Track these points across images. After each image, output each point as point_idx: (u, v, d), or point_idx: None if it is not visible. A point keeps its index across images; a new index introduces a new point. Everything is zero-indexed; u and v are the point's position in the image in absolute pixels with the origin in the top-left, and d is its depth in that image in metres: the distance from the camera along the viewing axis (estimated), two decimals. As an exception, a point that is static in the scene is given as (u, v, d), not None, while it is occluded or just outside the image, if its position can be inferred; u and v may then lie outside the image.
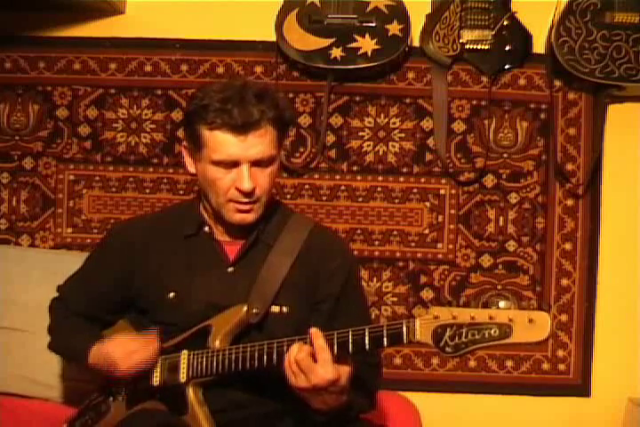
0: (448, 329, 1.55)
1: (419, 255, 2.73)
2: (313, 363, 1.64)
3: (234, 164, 1.80)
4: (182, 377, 1.83)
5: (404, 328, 1.59)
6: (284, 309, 1.88)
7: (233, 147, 1.78)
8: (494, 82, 2.71)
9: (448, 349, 1.55)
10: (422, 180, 2.73)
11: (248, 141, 1.78)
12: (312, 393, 1.68)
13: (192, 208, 2.00)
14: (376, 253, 2.73)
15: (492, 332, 1.51)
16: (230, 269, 1.92)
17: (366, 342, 1.63)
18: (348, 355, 1.67)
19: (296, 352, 1.66)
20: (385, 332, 1.62)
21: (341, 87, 2.73)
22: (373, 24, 2.61)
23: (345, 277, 1.96)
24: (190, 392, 1.82)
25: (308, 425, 1.78)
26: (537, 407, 2.72)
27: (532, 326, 1.50)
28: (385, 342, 1.62)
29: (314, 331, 1.67)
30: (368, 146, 2.74)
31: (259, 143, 1.79)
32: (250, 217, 1.87)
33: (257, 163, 1.81)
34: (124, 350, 1.86)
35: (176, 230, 1.97)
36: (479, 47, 2.65)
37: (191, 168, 1.91)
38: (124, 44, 2.73)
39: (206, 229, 1.95)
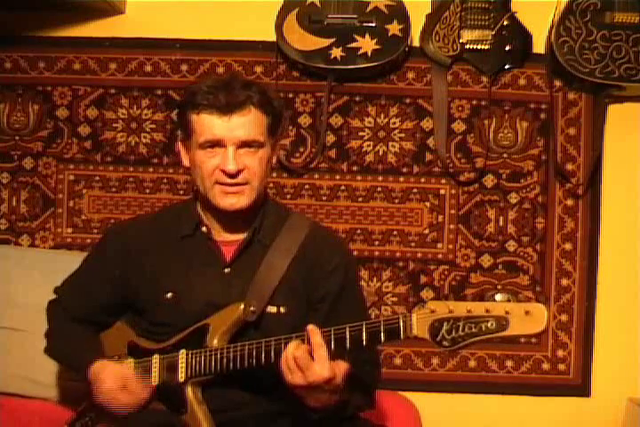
0: (445, 323, 1.54)
1: (419, 255, 2.73)
2: (310, 360, 1.64)
3: (219, 145, 1.82)
4: (181, 376, 1.83)
5: (401, 323, 1.59)
6: (282, 309, 1.88)
7: (217, 127, 1.81)
8: (494, 82, 2.71)
9: (445, 343, 1.54)
10: (422, 180, 2.73)
11: (232, 122, 1.80)
12: (307, 391, 1.68)
13: (189, 208, 1.99)
14: (376, 253, 2.73)
15: (489, 325, 1.51)
16: (227, 270, 1.91)
17: (363, 337, 1.63)
18: (346, 352, 1.67)
19: (293, 349, 1.66)
20: (382, 327, 1.62)
21: (341, 87, 2.73)
22: (373, 24, 2.61)
23: (342, 277, 1.95)
24: (189, 391, 1.82)
25: (307, 425, 1.78)
26: (537, 407, 2.72)
27: (528, 318, 1.50)
28: (382, 338, 1.62)
29: (311, 327, 1.68)
30: (368, 146, 2.74)
31: (244, 124, 1.81)
32: (240, 202, 1.85)
33: (243, 145, 1.83)
34: (116, 385, 1.85)
35: (173, 231, 1.96)
36: (479, 47, 2.65)
37: (185, 161, 1.93)
38: (124, 44, 2.74)
39: (203, 229, 1.94)
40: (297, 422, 1.84)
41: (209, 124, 1.81)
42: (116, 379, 1.86)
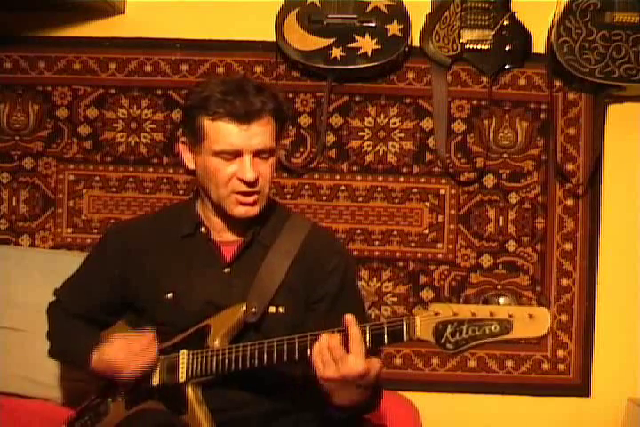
0: (449, 326, 1.54)
1: (419, 255, 2.73)
2: (345, 352, 1.60)
3: (236, 154, 1.80)
4: (181, 377, 1.83)
5: (405, 325, 1.58)
6: (281, 309, 1.88)
7: (235, 136, 1.79)
8: (494, 82, 2.71)
9: (449, 345, 1.54)
10: (422, 180, 2.73)
11: (250, 131, 1.79)
12: (339, 385, 1.63)
13: (189, 208, 1.99)
14: (376, 253, 2.73)
15: (493, 328, 1.51)
16: (227, 270, 1.91)
17: (367, 339, 1.61)
18: (381, 348, 1.64)
19: (328, 340, 1.61)
20: (385, 329, 1.60)
21: (341, 87, 2.73)
22: (373, 24, 2.61)
23: (341, 278, 1.95)
24: (189, 392, 1.82)
25: (308, 424, 1.78)
26: (537, 407, 2.72)
27: (532, 322, 1.50)
28: (385, 340, 1.60)
29: (349, 319, 1.62)
30: (368, 146, 2.74)
31: (261, 133, 1.80)
32: (253, 210, 1.86)
33: (258, 153, 1.82)
34: (126, 354, 1.85)
35: (173, 231, 1.96)
36: (479, 47, 2.65)
37: (190, 164, 1.91)
38: (124, 44, 2.73)
39: (202, 229, 1.94)
40: (297, 421, 1.84)
41: (226, 132, 1.79)
42: (120, 349, 1.86)
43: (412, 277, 2.72)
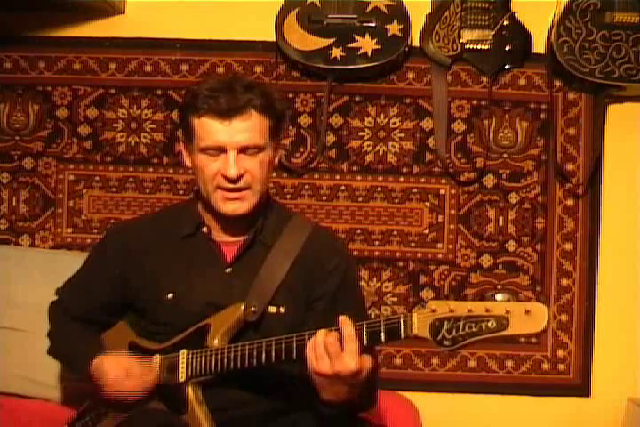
0: (445, 322, 1.54)
1: (419, 255, 2.73)
2: (340, 350, 1.60)
3: (220, 150, 1.81)
4: (181, 377, 1.83)
5: (402, 322, 1.58)
6: (281, 309, 1.87)
7: (218, 133, 1.79)
8: (494, 82, 2.71)
9: (446, 342, 1.54)
10: (422, 180, 2.73)
11: (233, 127, 1.79)
12: (329, 381, 1.63)
13: (190, 208, 1.99)
14: (376, 253, 2.73)
15: (490, 324, 1.50)
16: (228, 270, 1.91)
17: (364, 337, 1.61)
18: (379, 348, 1.63)
19: (324, 335, 1.62)
20: (382, 327, 1.60)
21: (341, 87, 2.73)
22: (373, 24, 2.61)
23: (341, 277, 1.95)
24: (189, 391, 1.82)
25: (308, 423, 1.78)
26: (537, 407, 2.72)
27: (528, 318, 1.49)
28: (382, 338, 1.60)
29: (343, 319, 1.63)
30: (368, 146, 2.74)
31: (244, 129, 1.80)
32: (242, 207, 1.85)
33: (244, 150, 1.81)
34: (120, 373, 1.85)
35: (174, 231, 1.96)
36: (479, 47, 2.65)
37: (188, 163, 1.92)
38: (124, 44, 2.73)
39: (204, 229, 1.94)
40: (297, 420, 1.84)
41: (210, 129, 1.80)
42: (119, 368, 1.86)
43: (412, 277, 2.72)
